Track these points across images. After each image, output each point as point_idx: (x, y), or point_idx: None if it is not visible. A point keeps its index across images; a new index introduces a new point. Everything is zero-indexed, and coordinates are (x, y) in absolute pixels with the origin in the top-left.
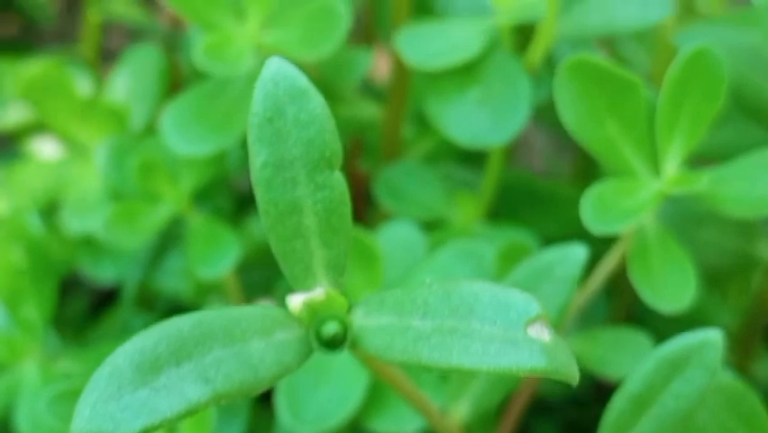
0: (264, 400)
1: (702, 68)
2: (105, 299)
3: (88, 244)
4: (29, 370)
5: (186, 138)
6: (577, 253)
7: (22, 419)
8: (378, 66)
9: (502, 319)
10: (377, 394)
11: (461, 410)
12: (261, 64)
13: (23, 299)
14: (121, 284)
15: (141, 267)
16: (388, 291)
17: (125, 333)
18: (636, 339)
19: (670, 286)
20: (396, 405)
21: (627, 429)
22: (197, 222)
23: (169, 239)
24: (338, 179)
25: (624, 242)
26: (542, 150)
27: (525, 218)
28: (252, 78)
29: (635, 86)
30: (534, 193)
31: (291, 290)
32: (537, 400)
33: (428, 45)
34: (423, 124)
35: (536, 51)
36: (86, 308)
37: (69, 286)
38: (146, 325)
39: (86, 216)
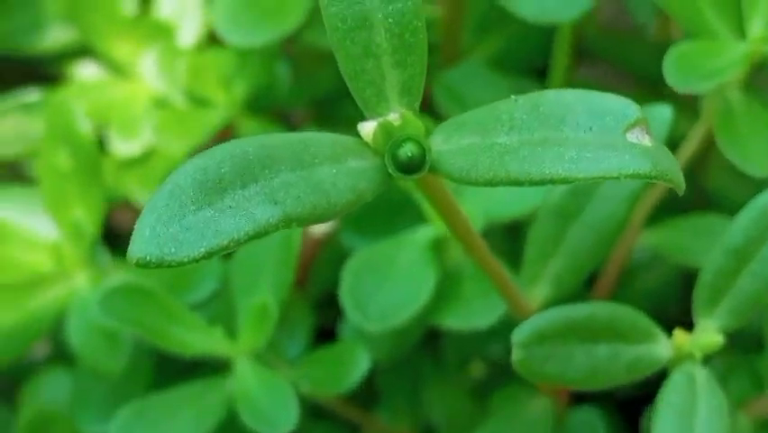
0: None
1: None
2: None
3: (137, 167)
4: (79, 282)
5: (238, 27)
6: (663, 112)
7: (73, 333)
8: None
9: (598, 126)
10: (446, 289)
11: (540, 293)
12: None
13: (71, 205)
14: None
15: None
16: (468, 112)
17: None
18: (720, 226)
19: (758, 148)
20: (467, 299)
21: (727, 288)
22: (252, 126)
23: None
24: None
25: (705, 116)
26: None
27: None
28: None
29: None
30: None
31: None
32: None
33: None
34: (483, 30)
35: None
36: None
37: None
38: None
39: (132, 136)
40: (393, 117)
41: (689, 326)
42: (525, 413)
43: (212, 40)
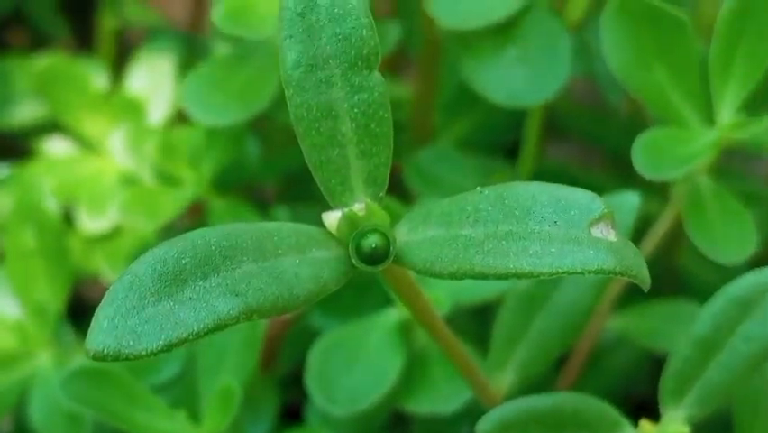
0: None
1: (759, 2)
2: None
3: (104, 243)
4: (43, 361)
5: (207, 107)
6: (630, 200)
7: (36, 412)
8: None
9: (563, 219)
10: (413, 372)
11: (507, 379)
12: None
13: (36, 284)
14: None
15: None
16: (433, 203)
17: None
18: (689, 310)
19: (728, 237)
20: (434, 383)
21: (694, 378)
22: (221, 205)
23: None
24: (377, 80)
25: (675, 200)
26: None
27: None
28: (275, 47)
29: (685, 27)
30: (571, 183)
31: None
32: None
33: (463, 5)
34: (453, 108)
35: (576, 8)
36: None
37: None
38: None
39: (99, 213)
40: (358, 207)
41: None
42: None
43: (182, 117)
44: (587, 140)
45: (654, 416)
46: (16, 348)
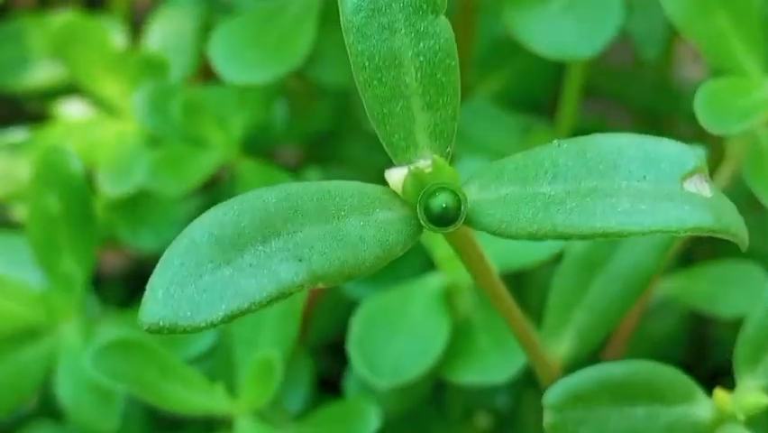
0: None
1: None
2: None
3: (126, 209)
4: (69, 333)
5: (238, 64)
6: (697, 151)
7: (63, 385)
8: None
9: (653, 174)
10: (458, 341)
11: (563, 347)
12: None
13: (61, 252)
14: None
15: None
16: (505, 159)
17: None
18: (749, 272)
19: None
20: (481, 352)
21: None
22: (249, 167)
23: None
24: (443, 26)
25: (729, 160)
26: None
27: None
28: (309, 1)
29: None
30: None
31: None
32: None
33: None
34: (488, 65)
35: None
36: (123, 277)
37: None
38: None
39: (123, 177)
40: (424, 164)
41: (701, 372)
42: None
43: (205, 74)
44: (616, 98)
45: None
46: (41, 320)
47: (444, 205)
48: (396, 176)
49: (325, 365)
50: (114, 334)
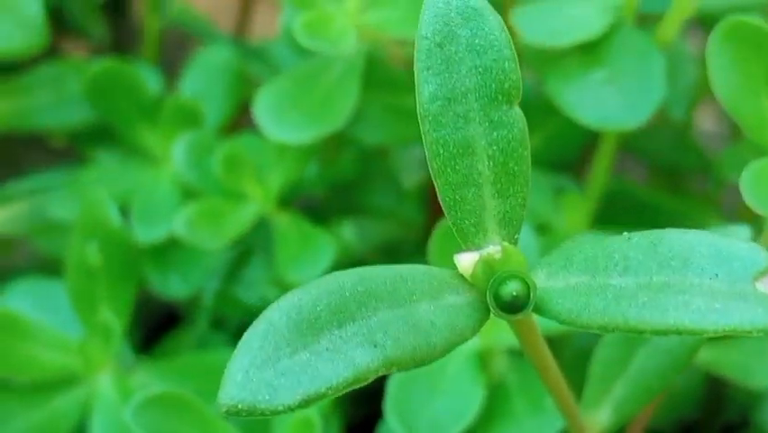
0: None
1: None
2: (161, 327)
3: (156, 256)
4: (104, 383)
5: (283, 124)
6: (741, 232)
7: None
8: None
9: (725, 272)
10: (492, 405)
11: (601, 417)
12: (360, 46)
13: (99, 303)
14: (183, 308)
15: (216, 279)
16: (574, 247)
17: (202, 348)
18: None
19: None
20: (517, 416)
21: None
22: (287, 221)
23: (245, 250)
24: (517, 116)
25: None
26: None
27: (629, 228)
28: (352, 61)
29: None
30: (637, 203)
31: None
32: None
33: (549, 23)
34: None
35: (669, 27)
36: (146, 332)
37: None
38: (224, 342)
39: (156, 224)
40: (494, 250)
41: (713, 428)
42: None
43: (237, 124)
44: (634, 151)
45: None
46: (77, 370)
47: (515, 293)
48: (465, 261)
49: (354, 411)
50: (148, 384)
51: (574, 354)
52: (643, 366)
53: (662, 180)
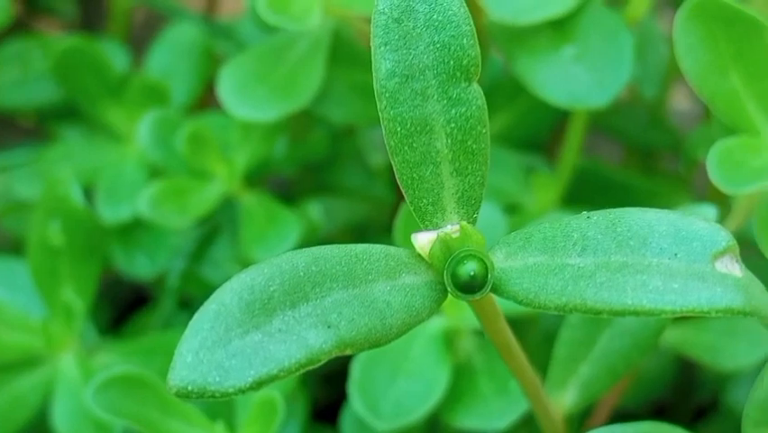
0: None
1: None
2: (128, 308)
3: (122, 235)
4: (67, 363)
5: (247, 102)
6: (707, 212)
7: (59, 416)
8: None
9: (684, 252)
10: (458, 386)
11: (566, 398)
12: (326, 23)
13: (62, 283)
14: (150, 288)
15: (182, 259)
16: (533, 227)
17: (168, 328)
18: (754, 325)
19: None
20: (483, 397)
21: None
22: (252, 201)
23: (211, 230)
24: (476, 93)
25: (735, 213)
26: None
27: (600, 207)
28: (318, 38)
29: (763, 30)
30: (608, 183)
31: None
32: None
33: (517, 0)
34: (491, 104)
35: (639, 3)
36: (114, 313)
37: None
38: (190, 319)
39: (121, 203)
40: (452, 229)
41: (684, 411)
42: None
43: (204, 101)
44: (608, 131)
45: (678, 419)
46: (39, 350)
47: (472, 273)
48: (423, 240)
49: (321, 393)
50: (112, 364)
51: (541, 336)
52: (607, 347)
53: (635, 160)
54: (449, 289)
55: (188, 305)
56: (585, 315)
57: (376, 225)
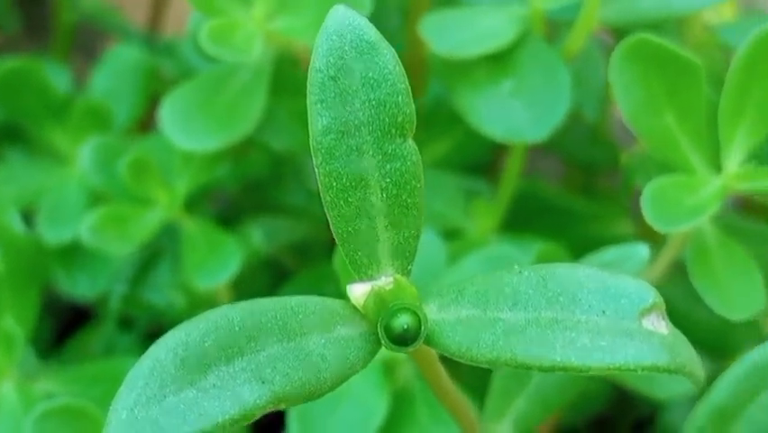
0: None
1: None
2: (70, 324)
3: (64, 256)
4: (6, 391)
5: (188, 132)
6: (641, 251)
7: None
8: None
9: (612, 309)
10: (397, 414)
11: (502, 431)
12: (268, 52)
13: (2, 311)
14: (92, 304)
15: (123, 282)
16: (466, 280)
17: (109, 352)
18: None
19: (735, 291)
20: (420, 427)
21: None
22: (193, 227)
23: (153, 254)
24: (411, 149)
25: (669, 248)
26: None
27: (540, 231)
28: (260, 67)
29: (696, 70)
30: (548, 205)
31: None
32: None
33: (457, 33)
34: (430, 128)
35: (576, 39)
36: (55, 328)
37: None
38: (131, 344)
39: (63, 225)
40: (385, 281)
41: (624, 424)
42: None
43: (148, 119)
44: (548, 146)
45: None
46: None
47: (406, 326)
48: (358, 292)
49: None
50: (52, 391)
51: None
52: (542, 381)
53: (576, 176)
54: (383, 341)
55: (129, 327)
56: None
57: (318, 245)
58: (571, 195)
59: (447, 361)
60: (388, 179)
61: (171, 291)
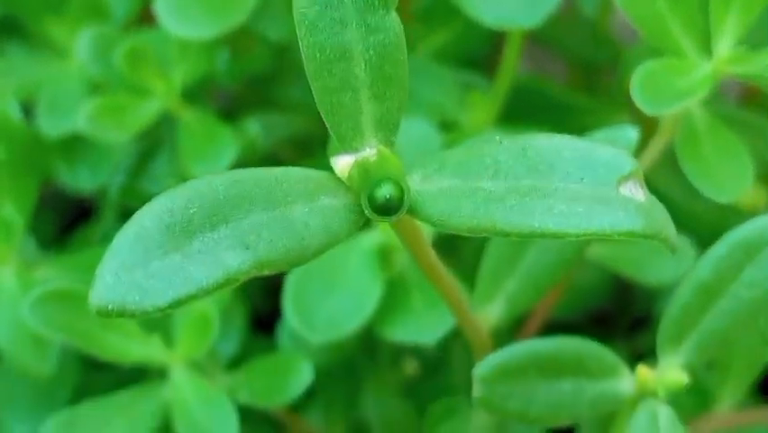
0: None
1: None
2: (74, 221)
3: (64, 149)
4: (6, 277)
5: (184, 19)
6: (629, 133)
7: (0, 330)
8: None
9: (590, 177)
10: (392, 300)
11: (493, 312)
12: None
13: (1, 199)
14: (95, 198)
15: (122, 173)
16: (447, 151)
17: (108, 242)
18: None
19: (724, 174)
20: (414, 311)
21: (693, 324)
22: (190, 117)
23: (152, 145)
24: (393, 21)
25: (660, 134)
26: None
27: (538, 124)
28: None
29: None
30: (547, 100)
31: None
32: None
33: None
34: (428, 21)
35: None
36: (58, 221)
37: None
38: None
39: (62, 116)
40: (369, 153)
41: (622, 322)
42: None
43: (145, 17)
44: (551, 46)
45: (616, 329)
46: None
47: (388, 196)
48: (342, 164)
49: (260, 304)
50: (51, 278)
51: (474, 250)
52: (532, 263)
53: (579, 75)
54: (366, 211)
55: (129, 217)
56: None
57: (317, 139)
58: (570, 90)
59: (440, 249)
60: (371, 51)
61: (170, 181)
